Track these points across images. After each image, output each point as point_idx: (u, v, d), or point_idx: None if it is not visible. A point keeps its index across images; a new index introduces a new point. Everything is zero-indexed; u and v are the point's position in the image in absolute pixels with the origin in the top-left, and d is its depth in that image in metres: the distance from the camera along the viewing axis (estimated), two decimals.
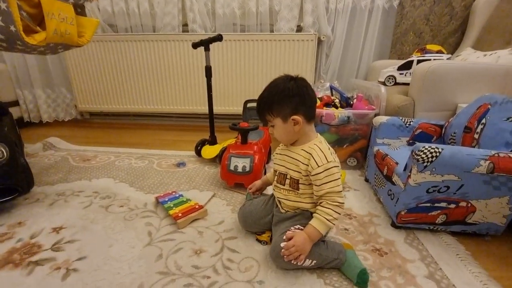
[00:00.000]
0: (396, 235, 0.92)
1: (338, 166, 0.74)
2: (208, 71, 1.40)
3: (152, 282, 0.72)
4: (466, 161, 0.78)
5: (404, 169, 0.90)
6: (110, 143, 1.82)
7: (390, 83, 1.48)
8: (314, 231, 0.72)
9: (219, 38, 1.31)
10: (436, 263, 0.80)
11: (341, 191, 0.73)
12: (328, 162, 0.72)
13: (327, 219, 0.72)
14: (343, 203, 0.73)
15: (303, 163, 0.75)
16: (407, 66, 1.42)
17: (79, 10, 1.12)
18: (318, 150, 0.74)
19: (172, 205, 1.04)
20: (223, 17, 1.86)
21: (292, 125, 0.75)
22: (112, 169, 1.41)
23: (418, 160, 0.80)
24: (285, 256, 0.70)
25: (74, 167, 1.45)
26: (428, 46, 1.53)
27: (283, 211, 0.84)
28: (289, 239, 0.72)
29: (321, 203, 0.74)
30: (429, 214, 0.88)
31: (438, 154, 0.79)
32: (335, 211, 0.72)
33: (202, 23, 1.89)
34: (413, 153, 0.82)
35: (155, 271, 0.76)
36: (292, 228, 0.76)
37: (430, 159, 0.79)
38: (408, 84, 1.40)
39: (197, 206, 1.03)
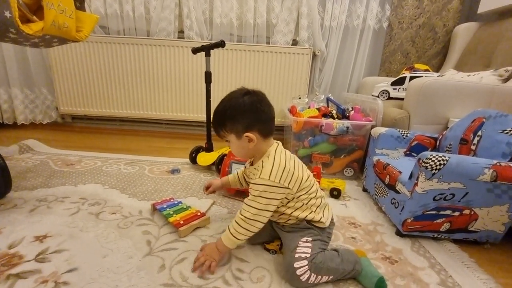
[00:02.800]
0: (403, 244, 0.92)
1: (278, 187, 0.69)
2: (208, 76, 1.38)
3: None
4: (471, 169, 0.81)
5: (409, 178, 0.92)
6: (94, 148, 1.70)
7: (384, 97, 1.55)
8: (220, 242, 0.74)
9: (221, 44, 1.30)
10: (445, 270, 0.80)
11: (256, 208, 0.70)
12: (269, 179, 0.69)
13: (231, 232, 0.72)
14: (248, 218, 0.70)
15: None
16: (400, 82, 1.50)
17: (78, 4, 1.06)
18: (269, 165, 0.70)
19: (172, 212, 0.97)
20: (220, 26, 1.86)
21: (246, 141, 0.73)
22: (99, 175, 1.31)
23: (426, 168, 0.82)
24: (200, 270, 0.72)
25: (55, 171, 1.33)
26: (416, 65, 1.63)
27: (280, 221, 0.81)
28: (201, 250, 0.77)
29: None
30: (434, 222, 0.90)
31: (445, 162, 0.81)
32: (239, 225, 0.72)
33: (199, 31, 1.88)
34: (421, 161, 0.84)
35: (159, 283, 0.69)
36: (300, 242, 0.72)
37: (438, 167, 0.81)
38: (401, 98, 1.47)
39: (199, 214, 0.97)
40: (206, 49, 1.34)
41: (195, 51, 1.37)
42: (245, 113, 0.71)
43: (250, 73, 1.91)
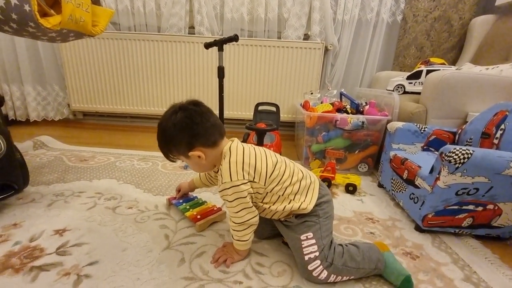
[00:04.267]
0: (423, 239, 0.90)
1: (245, 183, 0.67)
2: (221, 71, 1.37)
3: None
4: (497, 163, 0.79)
5: (430, 172, 0.89)
6: (106, 144, 1.71)
7: (399, 91, 1.52)
8: (234, 246, 0.75)
9: (235, 38, 1.29)
10: (469, 266, 0.78)
11: (240, 210, 0.69)
12: (231, 180, 0.67)
13: (235, 239, 0.73)
14: (240, 223, 0.70)
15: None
16: (416, 75, 1.47)
17: None
18: (226, 166, 0.68)
19: (188, 207, 0.97)
20: (231, 21, 1.85)
21: (196, 158, 0.70)
22: (113, 170, 1.32)
23: (450, 162, 0.80)
24: (217, 261, 0.73)
25: (70, 167, 1.34)
26: (432, 59, 1.59)
27: (267, 217, 0.78)
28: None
29: None
30: (456, 217, 0.88)
31: (469, 155, 0.79)
32: (237, 230, 0.72)
33: (210, 26, 1.87)
34: (443, 155, 0.82)
35: (179, 276, 0.69)
36: (303, 242, 0.69)
37: (462, 161, 0.79)
38: (417, 93, 1.44)
39: (215, 208, 0.97)
40: (219, 44, 1.32)
41: (207, 46, 1.36)
42: (179, 133, 0.68)
43: (261, 69, 1.90)
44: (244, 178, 0.67)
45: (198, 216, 0.90)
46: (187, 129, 0.68)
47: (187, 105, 0.69)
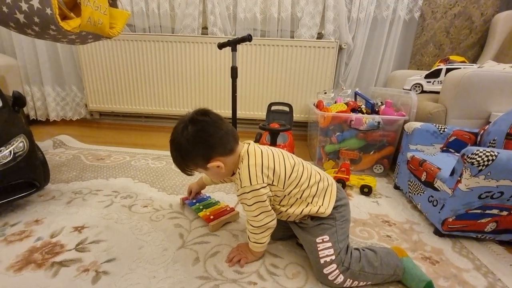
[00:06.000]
0: (443, 243, 0.87)
1: (264, 187, 0.67)
2: (234, 72, 1.37)
3: (194, 287, 0.66)
4: None
5: (451, 174, 0.86)
6: (121, 143, 1.75)
7: (417, 91, 1.47)
8: (249, 247, 0.75)
9: (248, 38, 1.28)
10: (492, 273, 0.75)
11: (259, 214, 0.69)
12: (251, 184, 0.66)
13: (252, 241, 0.73)
14: (258, 226, 0.70)
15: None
16: (434, 74, 1.42)
17: (111, 1, 1.09)
18: (245, 170, 0.67)
19: (201, 207, 0.98)
20: (244, 21, 1.85)
21: (215, 168, 0.69)
22: (129, 169, 1.35)
23: (472, 164, 0.77)
24: (231, 261, 0.73)
25: (88, 165, 1.37)
26: (452, 57, 1.53)
27: (281, 219, 0.78)
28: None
29: None
30: (479, 221, 0.84)
31: (494, 157, 0.76)
32: (254, 233, 0.71)
33: (223, 27, 1.87)
34: (465, 157, 0.79)
35: (194, 275, 0.69)
36: (319, 245, 0.68)
37: (485, 163, 0.76)
38: (435, 92, 1.39)
39: (228, 209, 0.97)
40: (233, 44, 1.33)
41: (221, 46, 1.36)
42: (194, 148, 0.67)
43: (274, 68, 1.89)
44: (263, 182, 0.67)
45: (211, 217, 0.91)
46: (202, 143, 0.66)
47: (196, 117, 0.67)
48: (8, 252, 0.75)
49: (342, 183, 1.20)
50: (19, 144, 0.91)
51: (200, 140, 0.66)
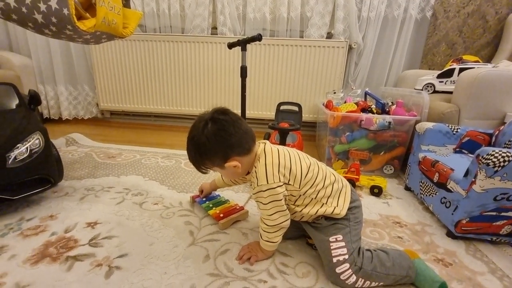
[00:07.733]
0: (456, 246, 0.85)
1: (280, 186, 0.67)
2: (244, 71, 1.37)
3: (205, 284, 0.66)
4: None
5: (465, 175, 0.85)
6: (132, 142, 1.78)
7: (429, 91, 1.45)
8: (260, 246, 0.75)
9: (258, 37, 1.28)
10: (508, 277, 0.73)
11: (273, 213, 0.69)
12: (267, 183, 0.66)
13: (264, 240, 0.73)
14: (272, 225, 0.71)
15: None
16: (447, 74, 1.39)
17: (124, 1, 1.10)
18: (262, 168, 0.67)
19: (211, 205, 0.98)
20: (253, 21, 1.85)
21: (232, 168, 0.69)
22: (139, 167, 1.36)
23: (488, 165, 0.75)
24: (241, 258, 0.74)
25: (99, 163, 1.40)
26: (465, 57, 1.51)
27: (295, 219, 0.78)
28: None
29: None
30: (494, 224, 0.83)
31: (510, 158, 0.74)
32: (267, 232, 0.72)
33: (232, 27, 1.88)
34: (481, 158, 0.77)
35: (205, 272, 0.70)
36: (332, 244, 0.68)
37: (501, 164, 0.74)
38: (448, 92, 1.37)
39: (237, 207, 0.98)
40: (243, 43, 1.33)
41: (231, 46, 1.37)
42: (214, 146, 0.66)
43: (283, 68, 1.89)
44: (280, 181, 0.67)
45: (221, 215, 0.91)
46: (221, 142, 0.66)
47: (216, 116, 0.67)
48: (24, 245, 0.77)
49: (351, 183, 1.19)
50: (35, 141, 0.94)
51: (220, 139, 0.66)
